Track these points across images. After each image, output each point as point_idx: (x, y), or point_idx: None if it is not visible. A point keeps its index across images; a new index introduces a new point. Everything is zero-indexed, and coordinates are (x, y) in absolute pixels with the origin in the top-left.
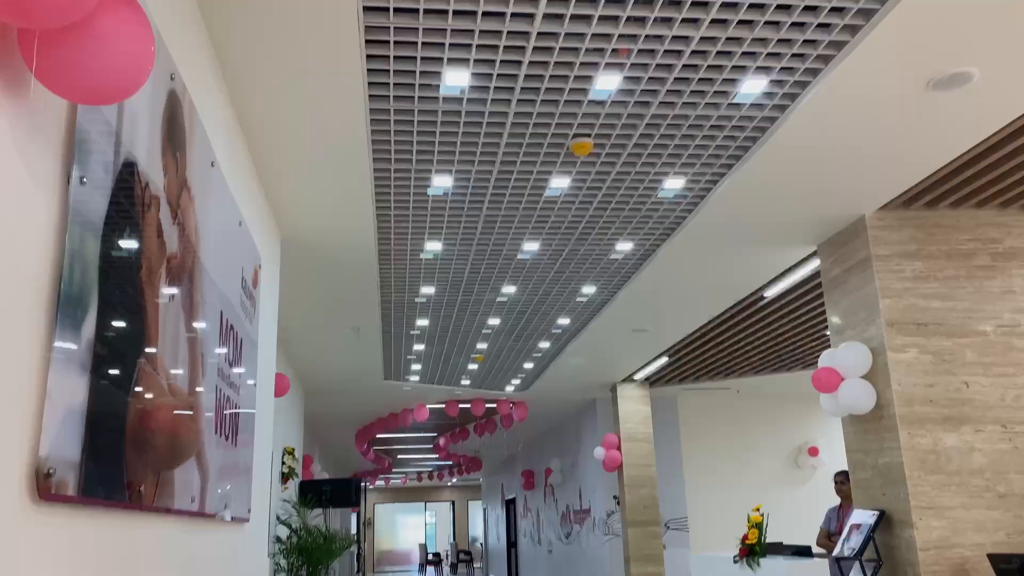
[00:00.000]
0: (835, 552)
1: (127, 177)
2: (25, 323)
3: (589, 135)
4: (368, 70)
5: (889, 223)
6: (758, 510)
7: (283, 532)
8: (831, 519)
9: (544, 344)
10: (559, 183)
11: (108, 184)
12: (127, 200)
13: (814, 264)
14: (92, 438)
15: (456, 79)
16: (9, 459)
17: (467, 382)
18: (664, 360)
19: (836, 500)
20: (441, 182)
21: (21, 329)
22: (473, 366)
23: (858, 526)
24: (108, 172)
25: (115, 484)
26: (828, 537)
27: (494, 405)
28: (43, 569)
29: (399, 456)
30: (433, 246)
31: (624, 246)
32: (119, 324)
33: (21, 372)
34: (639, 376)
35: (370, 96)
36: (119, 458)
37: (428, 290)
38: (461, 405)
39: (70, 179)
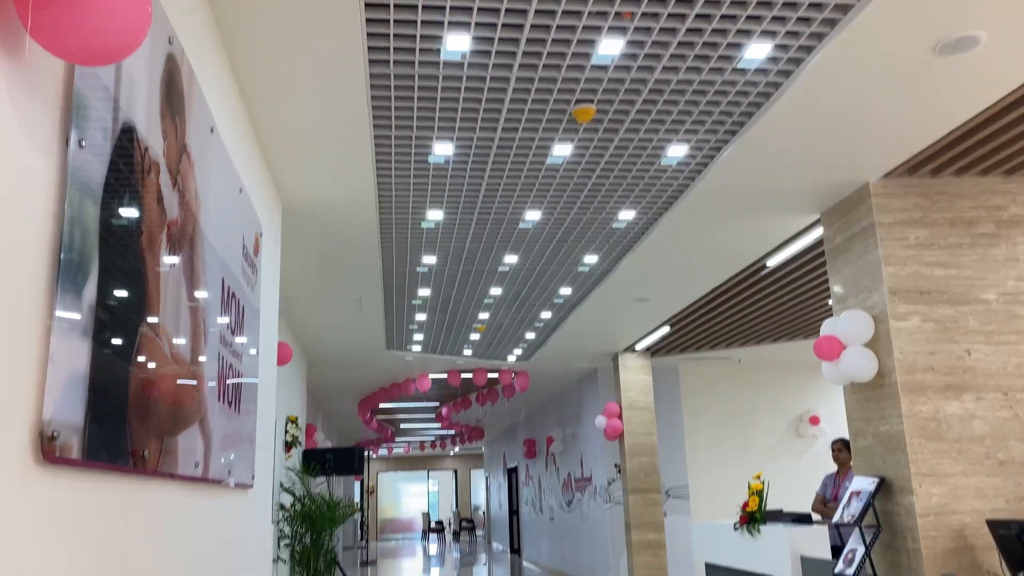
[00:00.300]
0: (835, 518)
1: (126, 141)
2: (26, 287)
3: (592, 101)
4: (368, 34)
5: (893, 190)
6: (759, 478)
7: (287, 500)
8: (827, 485)
9: (546, 314)
10: (561, 150)
11: (107, 148)
12: (126, 165)
13: (817, 233)
14: (95, 402)
15: (457, 44)
16: (13, 421)
17: (469, 352)
18: (666, 330)
19: (835, 468)
20: (442, 150)
21: (22, 292)
22: (475, 336)
23: (858, 493)
24: (106, 136)
25: (119, 448)
26: (823, 503)
27: (496, 375)
28: (50, 530)
29: (402, 425)
30: (434, 215)
31: (627, 215)
32: (120, 290)
33: (23, 335)
34: (640, 346)
35: (370, 61)
36: (122, 423)
37: (430, 259)
38: (463, 375)
39: (68, 142)
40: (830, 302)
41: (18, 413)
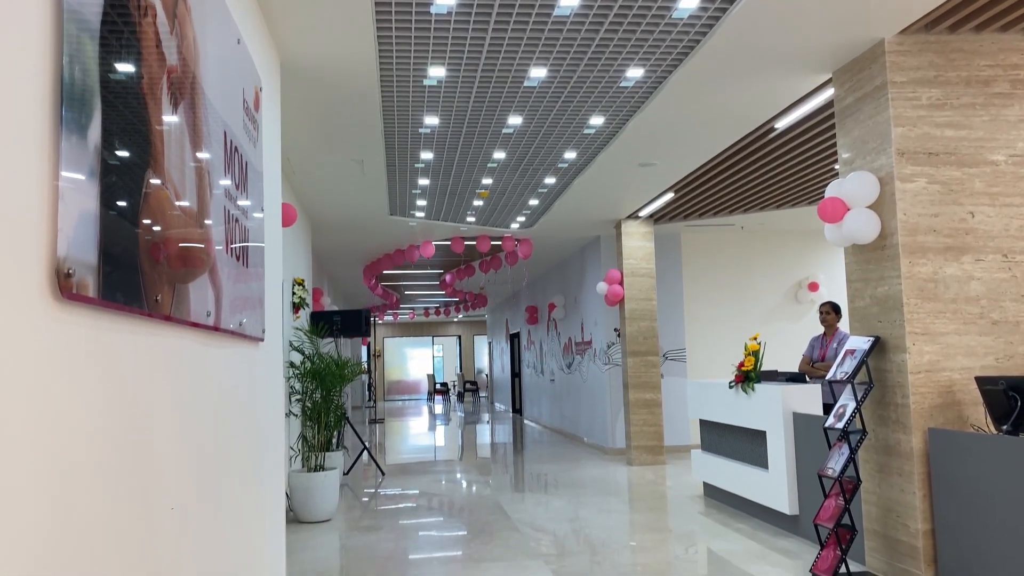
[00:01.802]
0: (828, 376)
1: None
2: (31, 123)
3: None
4: None
5: (908, 48)
6: (755, 339)
7: (296, 358)
8: (814, 347)
9: (550, 180)
10: (569, 0)
11: None
12: (121, 3)
13: (827, 93)
14: (107, 243)
15: None
16: (30, 258)
17: (472, 219)
18: (669, 196)
19: (822, 330)
20: None
21: (27, 129)
22: (478, 202)
23: (852, 351)
24: None
25: (133, 291)
26: (810, 363)
27: (499, 242)
28: (70, 365)
29: (407, 292)
30: (436, 72)
31: (635, 72)
32: (123, 132)
33: (32, 171)
34: (643, 213)
35: None
36: (135, 266)
37: (432, 120)
38: (466, 242)
39: None
40: (836, 167)
41: (34, 250)
